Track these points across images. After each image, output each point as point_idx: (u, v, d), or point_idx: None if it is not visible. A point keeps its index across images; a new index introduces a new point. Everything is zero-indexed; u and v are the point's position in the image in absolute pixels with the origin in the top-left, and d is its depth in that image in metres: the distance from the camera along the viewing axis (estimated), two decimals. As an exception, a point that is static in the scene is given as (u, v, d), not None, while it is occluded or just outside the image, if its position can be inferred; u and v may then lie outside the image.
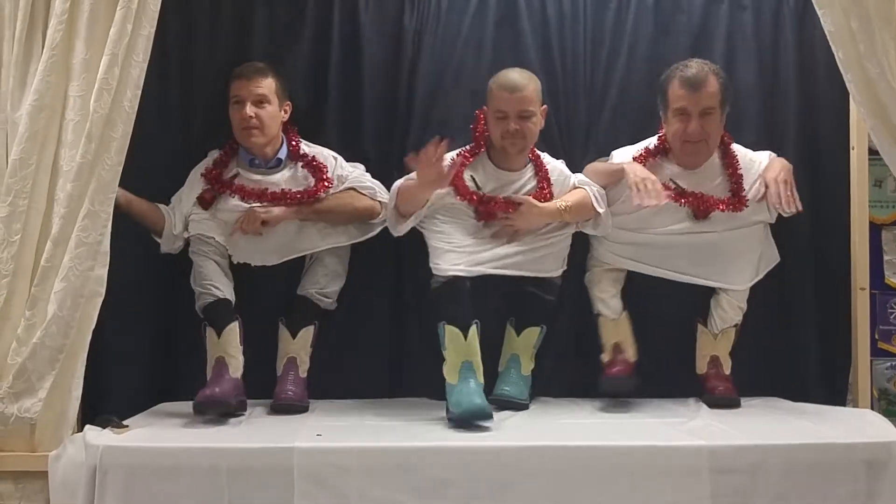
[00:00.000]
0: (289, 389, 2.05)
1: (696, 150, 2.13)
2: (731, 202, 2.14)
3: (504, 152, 2.12)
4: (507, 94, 2.05)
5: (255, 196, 2.10)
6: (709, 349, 2.20)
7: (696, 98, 2.07)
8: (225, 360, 2.02)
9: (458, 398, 1.90)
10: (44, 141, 1.76)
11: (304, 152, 2.17)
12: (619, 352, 2.14)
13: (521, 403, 2.07)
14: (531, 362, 2.14)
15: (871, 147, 2.03)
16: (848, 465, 1.73)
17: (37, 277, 1.75)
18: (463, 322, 2.00)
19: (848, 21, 1.83)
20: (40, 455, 1.73)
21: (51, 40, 1.75)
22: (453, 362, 1.97)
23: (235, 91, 2.10)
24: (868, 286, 2.18)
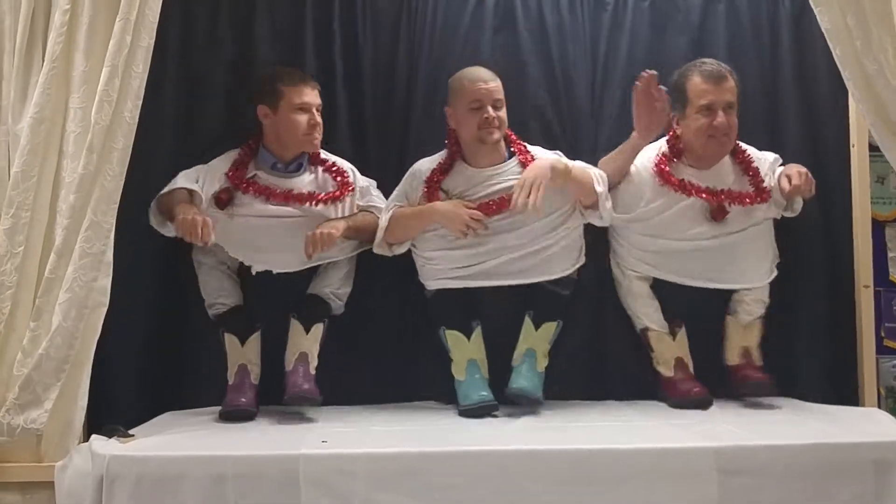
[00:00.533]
0: (303, 383, 2.02)
1: (720, 144, 2.14)
2: (757, 195, 2.15)
3: (480, 144, 2.10)
4: (483, 85, 2.07)
5: (281, 197, 2.09)
6: (738, 340, 2.18)
7: (720, 91, 2.09)
8: (248, 368, 2.06)
9: (467, 391, 2.04)
10: (45, 153, 1.76)
11: (324, 157, 2.19)
12: (682, 367, 2.14)
13: (535, 398, 2.04)
14: (546, 359, 2.11)
15: (872, 143, 2.03)
16: (856, 464, 1.72)
17: (41, 289, 1.75)
18: (462, 325, 2.07)
19: (844, 18, 1.83)
20: (47, 465, 1.73)
21: (51, 53, 1.76)
22: (459, 361, 2.08)
23: (302, 98, 2.08)
24: (872, 283, 2.17)
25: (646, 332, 2.21)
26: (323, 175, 2.17)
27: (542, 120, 2.27)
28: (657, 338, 2.19)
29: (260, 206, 2.10)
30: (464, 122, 2.09)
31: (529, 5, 2.29)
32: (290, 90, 2.09)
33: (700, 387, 2.13)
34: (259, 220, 2.09)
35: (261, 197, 2.09)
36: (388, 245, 2.14)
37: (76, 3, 1.77)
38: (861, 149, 2.18)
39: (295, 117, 2.10)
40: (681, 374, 2.15)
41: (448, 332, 2.08)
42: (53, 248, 1.75)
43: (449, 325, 2.09)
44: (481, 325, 2.12)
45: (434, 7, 2.29)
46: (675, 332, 2.20)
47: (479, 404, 2.01)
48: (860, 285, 2.17)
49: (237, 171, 2.12)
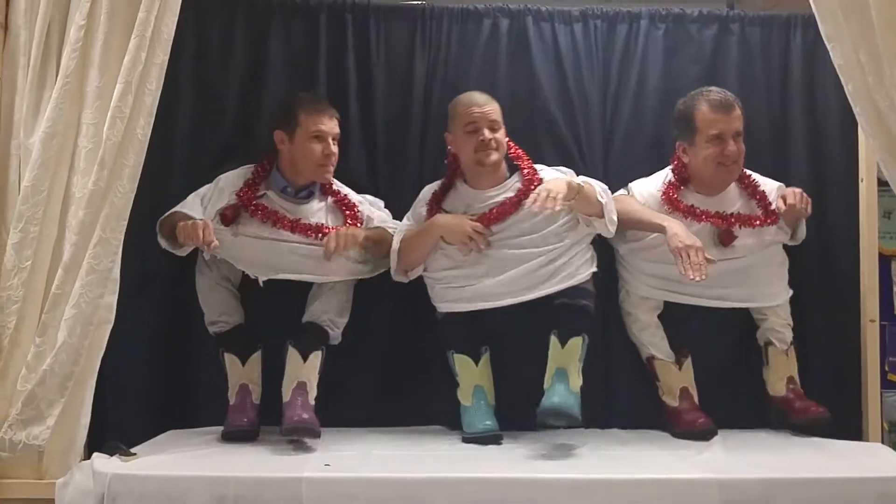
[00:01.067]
0: (302, 413, 2.00)
1: (729, 172, 2.16)
2: (765, 217, 2.16)
3: (478, 167, 2.10)
4: (478, 108, 2.09)
5: (287, 226, 2.08)
6: (783, 369, 2.16)
7: (729, 120, 2.11)
8: (249, 388, 2.06)
9: (471, 419, 2.03)
10: (56, 168, 1.76)
11: (336, 188, 2.19)
12: (687, 397, 2.13)
13: (572, 414, 1.90)
14: (579, 378, 1.98)
15: (881, 178, 2.03)
16: (859, 499, 1.71)
17: (47, 304, 1.75)
18: (471, 349, 2.06)
19: (857, 54, 1.84)
20: (48, 482, 1.72)
21: (65, 68, 1.76)
22: (466, 386, 2.07)
23: (318, 125, 2.08)
24: (878, 318, 2.17)
25: (651, 360, 2.21)
26: (332, 206, 2.16)
27: (557, 142, 2.27)
28: (663, 367, 2.19)
29: (266, 229, 2.09)
30: (461, 145, 2.11)
31: (543, 31, 2.30)
32: (307, 118, 2.09)
33: (705, 417, 2.13)
34: (263, 243, 2.08)
35: (268, 222, 2.08)
36: (404, 272, 2.14)
37: (92, 20, 1.77)
38: (870, 183, 2.18)
39: (310, 145, 2.09)
40: (686, 404, 2.15)
41: (456, 356, 2.06)
42: (61, 263, 1.75)
43: (457, 349, 2.07)
44: (494, 351, 2.10)
45: (448, 32, 2.30)
46: (682, 361, 2.20)
47: (482, 433, 2.00)
48: (866, 319, 2.17)
49: (248, 191, 2.11)
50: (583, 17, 2.32)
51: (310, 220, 2.11)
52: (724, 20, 2.35)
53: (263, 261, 2.08)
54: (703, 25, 2.34)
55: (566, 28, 2.30)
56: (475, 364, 2.05)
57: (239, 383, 2.07)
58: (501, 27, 2.30)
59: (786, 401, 2.16)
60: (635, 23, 2.32)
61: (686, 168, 2.19)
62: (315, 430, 1.98)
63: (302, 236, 2.08)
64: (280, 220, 2.08)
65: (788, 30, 2.34)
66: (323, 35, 2.28)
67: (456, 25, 2.29)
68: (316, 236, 2.09)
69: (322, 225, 2.11)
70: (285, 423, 1.98)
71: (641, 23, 2.32)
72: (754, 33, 2.33)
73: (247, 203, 2.09)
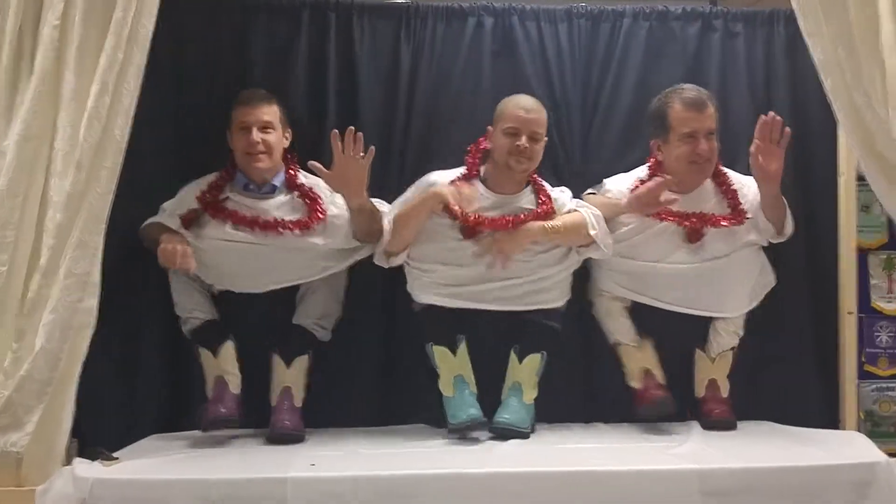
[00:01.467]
0: (285, 420, 2.03)
1: (701, 171, 2.17)
2: (732, 217, 2.17)
3: (507, 170, 2.11)
4: (524, 113, 2.09)
5: (246, 223, 2.08)
6: (706, 373, 2.21)
7: (701, 118, 2.12)
8: (225, 379, 2.03)
9: (455, 410, 2.02)
10: (32, 171, 1.73)
11: (301, 182, 2.16)
12: (650, 377, 2.15)
13: (522, 432, 2.04)
14: (534, 390, 2.10)
15: (859, 173, 2.06)
16: (835, 486, 1.75)
17: (25, 309, 1.72)
18: (449, 340, 2.06)
19: (836, 50, 1.85)
20: (27, 490, 1.70)
21: (39, 69, 1.72)
22: (446, 377, 2.06)
23: (241, 117, 2.09)
24: (856, 310, 2.20)
25: (616, 346, 2.21)
26: (297, 199, 2.14)
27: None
28: (625, 351, 2.19)
29: (226, 230, 2.07)
30: (498, 144, 2.11)
31: (528, 29, 2.30)
32: (236, 111, 2.10)
33: (663, 390, 2.12)
34: (224, 244, 2.07)
35: (228, 221, 2.07)
36: (387, 255, 2.11)
37: (66, 19, 1.74)
38: (849, 178, 2.20)
39: (237, 137, 2.10)
40: (648, 382, 2.15)
41: (435, 348, 2.07)
42: (38, 267, 1.72)
43: (437, 342, 2.08)
44: (471, 347, 2.10)
45: (433, 30, 2.28)
46: (643, 344, 2.20)
47: (467, 422, 1.99)
48: (844, 311, 2.20)
49: (209, 193, 2.10)
50: (567, 16, 2.31)
51: (269, 216, 2.09)
52: (706, 17, 2.35)
53: (224, 266, 2.07)
54: (686, 22, 2.34)
55: (550, 26, 2.30)
56: (453, 354, 2.05)
57: (214, 376, 2.04)
58: (486, 25, 2.29)
59: (702, 401, 2.19)
60: (619, 20, 2.32)
61: (661, 166, 2.20)
62: (298, 435, 2.02)
63: (262, 235, 2.06)
64: (239, 219, 2.07)
65: (771, 25, 2.34)
66: (304, 33, 2.25)
67: (440, 23, 2.28)
68: (276, 232, 2.07)
69: (281, 220, 2.08)
70: (270, 431, 2.02)
71: (625, 20, 2.32)
72: (737, 29, 2.34)
73: (205, 205, 2.08)
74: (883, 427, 2.25)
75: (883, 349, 2.28)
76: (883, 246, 2.30)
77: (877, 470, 1.76)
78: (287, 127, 2.16)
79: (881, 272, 2.29)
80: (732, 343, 2.22)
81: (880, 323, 2.29)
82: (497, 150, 2.12)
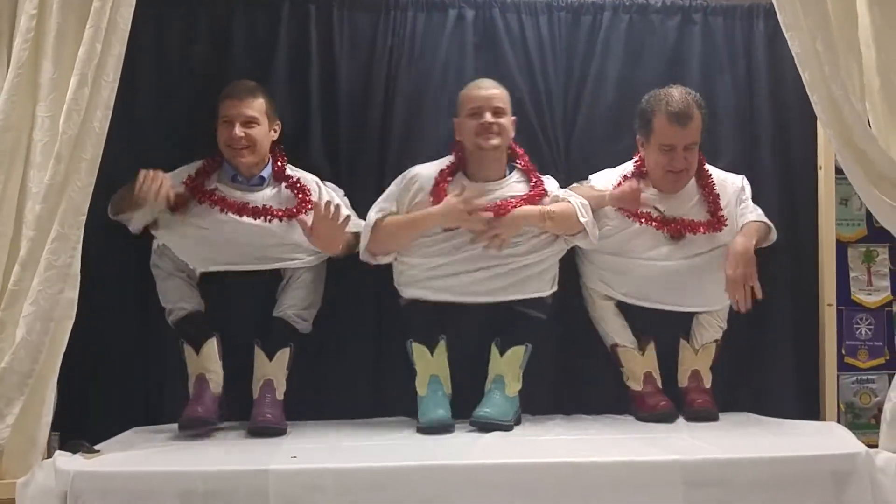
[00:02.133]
0: (266, 412, 2.03)
1: (677, 179, 2.19)
2: (711, 224, 2.19)
3: (479, 152, 2.10)
4: (482, 91, 2.10)
5: (235, 209, 2.08)
6: (690, 363, 2.23)
7: (683, 134, 2.13)
8: (206, 377, 2.03)
9: (425, 409, 2.02)
10: (11, 162, 1.72)
11: (289, 174, 2.16)
12: (651, 381, 2.17)
13: (504, 425, 2.03)
14: (518, 383, 2.10)
15: (838, 166, 2.07)
16: (816, 476, 1.77)
17: (4, 301, 1.71)
18: (428, 339, 2.05)
19: (814, 43, 1.86)
20: (8, 482, 1.69)
21: (17, 59, 1.71)
22: (422, 376, 2.06)
23: (225, 111, 2.09)
24: (835, 302, 2.22)
25: (615, 348, 2.24)
26: (285, 191, 2.14)
27: (525, 132, 2.26)
28: (626, 354, 2.22)
29: (215, 217, 2.07)
30: (464, 128, 2.11)
31: (509, 21, 2.30)
32: (221, 105, 2.10)
33: (666, 401, 2.17)
34: (211, 232, 2.07)
35: (216, 208, 2.07)
36: (373, 254, 2.11)
37: (43, 8, 1.72)
38: (828, 171, 2.22)
39: (221, 131, 2.10)
40: (649, 387, 2.19)
41: (415, 345, 2.07)
42: (18, 259, 1.71)
43: (417, 338, 2.08)
44: (451, 343, 2.10)
45: (413, 22, 2.27)
46: (644, 347, 2.23)
47: (434, 423, 1.99)
48: (824, 304, 2.22)
49: (196, 180, 2.10)
50: (548, 8, 2.32)
51: (258, 205, 2.10)
52: (686, 10, 2.36)
53: (205, 252, 2.07)
54: (666, 16, 2.36)
55: (531, 18, 2.30)
56: (430, 354, 2.05)
57: (195, 374, 2.04)
58: (467, 17, 2.29)
59: (684, 391, 2.21)
60: (599, 14, 2.33)
61: (644, 164, 2.22)
62: (279, 428, 2.01)
63: (250, 219, 2.07)
64: (228, 204, 2.07)
65: (751, 18, 2.36)
66: (285, 26, 2.24)
67: (421, 15, 2.28)
68: (265, 219, 2.08)
69: (270, 207, 2.09)
70: (251, 423, 2.02)
71: (605, 14, 2.33)
72: (717, 23, 2.35)
73: (194, 192, 2.07)
74: (863, 419, 2.28)
75: (863, 341, 2.30)
76: (862, 238, 2.32)
77: (856, 460, 1.78)
78: (275, 120, 2.16)
79: (860, 265, 2.31)
80: (716, 336, 2.24)
81: (860, 315, 2.31)
82: (466, 136, 2.11)
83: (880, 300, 2.31)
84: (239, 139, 2.07)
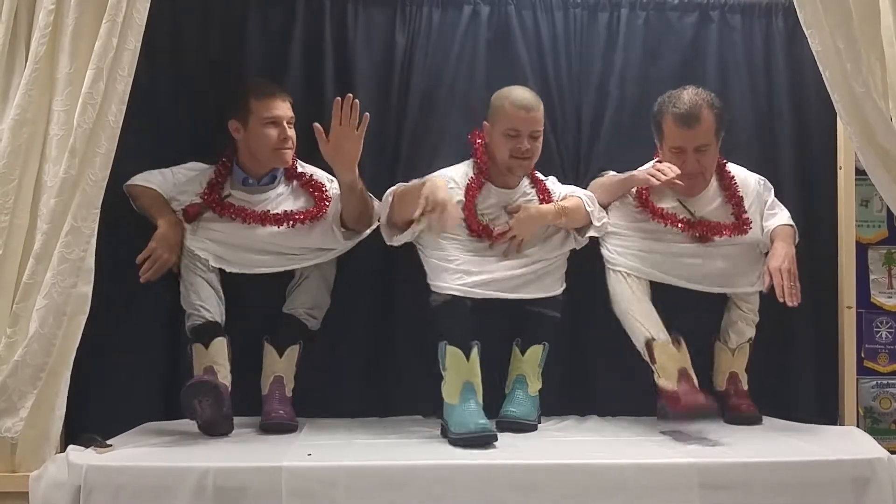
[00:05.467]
0: (279, 409, 2.02)
1: (692, 184, 2.15)
2: (736, 226, 2.15)
3: (509, 172, 2.10)
4: (524, 114, 2.04)
5: (257, 219, 2.07)
6: (727, 365, 2.18)
7: (691, 135, 2.08)
8: (214, 370, 2.01)
9: (463, 419, 1.88)
10: (27, 156, 1.73)
11: (301, 171, 2.16)
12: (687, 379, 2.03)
13: (529, 424, 2.02)
14: (538, 382, 2.09)
15: (858, 167, 2.04)
16: (834, 481, 1.74)
17: (18, 294, 1.72)
18: (464, 342, 1.97)
19: (835, 41, 1.84)
20: (21, 475, 1.70)
21: (34, 54, 1.72)
22: (454, 383, 1.95)
23: (271, 111, 2.05)
24: (855, 305, 2.19)
25: (650, 343, 2.07)
26: (298, 189, 2.14)
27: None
28: (661, 348, 2.08)
29: (237, 226, 2.07)
30: (498, 144, 2.08)
31: (524, 18, 2.29)
32: (259, 104, 2.05)
33: (707, 397, 2.00)
34: (231, 237, 2.07)
35: (237, 219, 2.07)
36: (390, 229, 2.05)
37: (61, 4, 1.74)
38: (847, 172, 2.19)
39: (265, 131, 2.06)
40: (685, 385, 2.03)
41: (449, 349, 1.95)
42: (32, 252, 1.71)
43: (451, 341, 1.95)
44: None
45: (428, 18, 2.26)
46: (678, 344, 2.12)
47: (477, 433, 1.83)
48: (843, 306, 2.19)
49: (213, 193, 2.08)
50: (563, 5, 2.30)
51: (277, 209, 2.09)
52: (704, 7, 2.34)
53: (225, 255, 2.06)
54: (683, 13, 2.33)
55: (547, 16, 2.29)
56: (466, 359, 1.96)
57: (203, 367, 2.01)
58: (482, 14, 2.28)
59: (724, 396, 2.15)
60: (616, 11, 2.31)
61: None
62: (292, 424, 2.01)
63: (272, 227, 2.06)
64: (248, 215, 2.07)
65: (770, 16, 2.33)
66: (300, 21, 2.24)
67: (436, 11, 2.27)
68: (287, 225, 2.07)
69: (290, 212, 2.09)
70: (263, 419, 2.02)
71: (622, 11, 2.31)
72: (735, 20, 2.33)
73: (212, 205, 2.07)
74: (883, 424, 2.24)
75: (883, 345, 2.27)
76: (883, 240, 2.29)
77: (877, 466, 1.75)
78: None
79: (881, 267, 2.28)
80: (750, 334, 2.19)
81: (880, 318, 2.28)
82: (497, 150, 2.09)
83: (901, 303, 2.29)
84: (288, 140, 2.06)
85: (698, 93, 2.11)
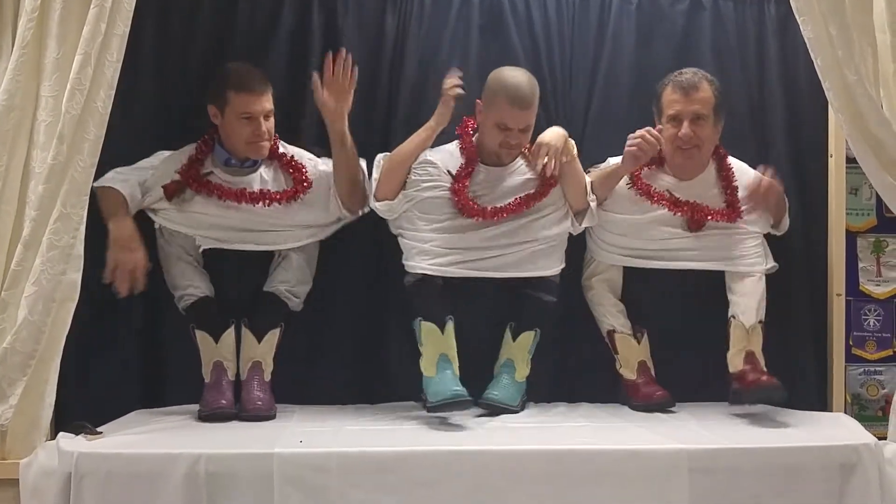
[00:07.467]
0: (258, 399, 2.01)
1: (688, 156, 2.13)
2: (726, 213, 2.15)
3: (495, 157, 2.11)
4: (518, 112, 2.03)
5: (233, 197, 2.06)
6: (741, 343, 2.07)
7: (688, 101, 2.09)
8: (224, 365, 2.02)
9: (437, 388, 1.93)
10: (14, 142, 1.71)
11: (283, 152, 2.15)
12: (646, 372, 2.13)
13: (511, 409, 2.03)
14: (526, 368, 2.10)
15: (849, 155, 2.05)
16: (822, 466, 1.76)
17: (7, 281, 1.71)
18: (438, 317, 2.00)
19: (827, 28, 1.84)
20: (11, 463, 1.69)
21: (21, 38, 1.70)
22: (430, 356, 1.98)
23: (246, 106, 2.03)
24: (844, 293, 2.20)
25: (612, 333, 2.20)
26: (279, 170, 2.12)
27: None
28: (622, 340, 2.18)
29: (213, 202, 2.06)
30: (488, 131, 2.08)
31: (516, 4, 2.27)
32: (236, 98, 2.03)
33: (662, 390, 2.13)
34: (209, 217, 2.06)
35: (213, 196, 2.05)
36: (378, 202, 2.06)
37: (48, -13, 1.72)
38: (839, 160, 2.19)
39: (239, 125, 2.05)
40: (643, 377, 2.15)
41: (423, 324, 1.99)
42: (21, 239, 1.70)
43: (425, 317, 2.00)
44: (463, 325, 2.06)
45: (419, 2, 2.25)
46: (639, 336, 2.20)
47: (451, 399, 1.88)
48: (833, 294, 2.20)
49: (190, 168, 2.07)
50: (556, -8, 2.29)
51: (254, 189, 2.08)
52: (696, -6, 2.34)
53: (205, 232, 2.06)
54: (675, 0, 2.32)
55: (539, 2, 2.27)
56: (441, 332, 1.99)
57: (213, 360, 2.03)
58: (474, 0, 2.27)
59: (741, 374, 2.07)
60: (608, -2, 2.30)
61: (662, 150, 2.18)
62: (270, 413, 2.01)
63: (249, 206, 2.05)
64: (225, 192, 2.05)
65: (762, 3, 2.32)
66: (288, 4, 2.21)
67: (428, -6, 2.25)
68: (264, 204, 2.07)
69: (267, 191, 2.07)
70: (242, 409, 2.00)
71: (614, -2, 2.30)
72: (727, 8, 2.32)
73: (190, 181, 2.05)
74: (869, 411, 2.26)
75: (871, 333, 2.28)
76: (871, 228, 2.29)
77: (863, 452, 1.76)
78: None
79: (869, 255, 2.28)
80: (758, 315, 2.10)
81: (868, 306, 2.28)
82: (487, 136, 2.09)
83: (889, 291, 2.29)
84: (264, 134, 2.05)
85: (700, 71, 2.14)
